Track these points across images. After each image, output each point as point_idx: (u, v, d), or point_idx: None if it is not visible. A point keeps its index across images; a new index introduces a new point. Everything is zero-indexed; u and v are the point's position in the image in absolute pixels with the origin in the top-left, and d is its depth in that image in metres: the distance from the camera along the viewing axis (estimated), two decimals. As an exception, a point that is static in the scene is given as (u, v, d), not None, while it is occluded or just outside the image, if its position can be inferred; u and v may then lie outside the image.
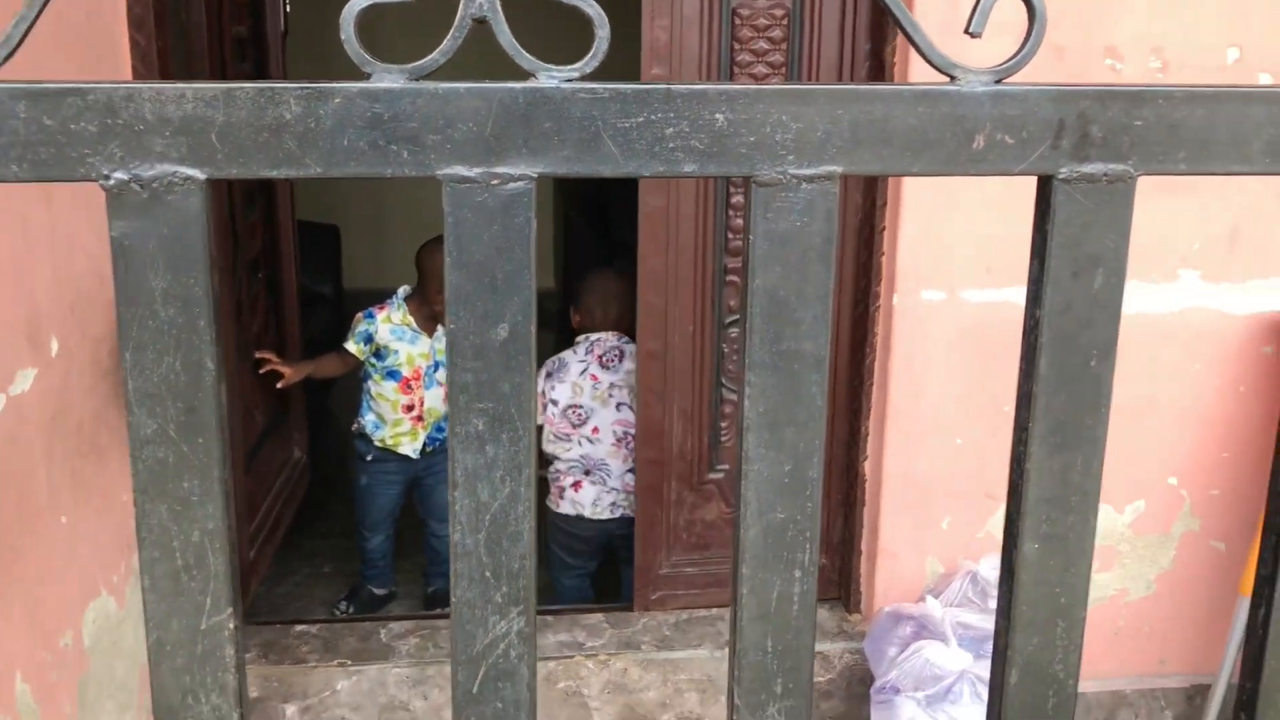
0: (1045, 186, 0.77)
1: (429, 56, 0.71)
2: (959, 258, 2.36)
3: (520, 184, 0.72)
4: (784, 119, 0.73)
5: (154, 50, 2.18)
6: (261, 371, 2.92)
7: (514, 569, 0.77)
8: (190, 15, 2.34)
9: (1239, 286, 2.43)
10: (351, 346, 2.96)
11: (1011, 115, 0.75)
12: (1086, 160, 0.75)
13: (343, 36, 0.70)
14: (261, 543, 3.06)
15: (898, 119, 0.74)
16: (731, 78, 2.42)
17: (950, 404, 2.45)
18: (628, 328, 2.86)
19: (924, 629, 2.31)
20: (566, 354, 2.94)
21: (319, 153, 0.71)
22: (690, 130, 0.72)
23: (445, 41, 0.71)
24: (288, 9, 3.50)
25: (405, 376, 2.96)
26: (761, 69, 2.42)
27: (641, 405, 2.62)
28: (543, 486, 3.09)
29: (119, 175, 0.69)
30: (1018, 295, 2.39)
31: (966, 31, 0.75)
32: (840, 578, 2.72)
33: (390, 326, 2.94)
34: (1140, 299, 2.42)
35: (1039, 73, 0.75)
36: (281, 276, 3.42)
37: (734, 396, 2.66)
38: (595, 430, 2.87)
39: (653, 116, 0.72)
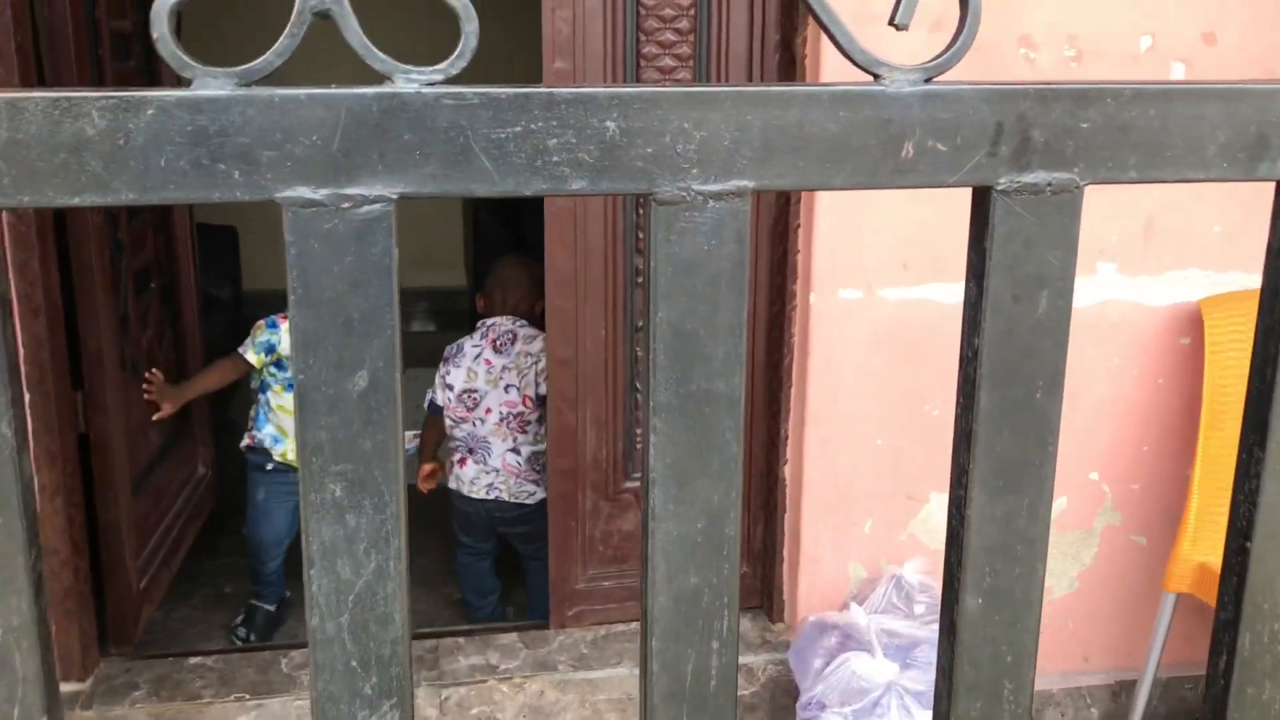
0: (983, 199, 0.68)
1: (261, 58, 0.59)
2: (876, 255, 2.28)
3: (377, 207, 0.61)
4: (685, 126, 0.63)
5: (11, 47, 2.01)
6: (146, 397, 2.73)
7: (384, 656, 0.66)
8: (54, 8, 2.17)
9: (1156, 279, 2.40)
10: (251, 356, 2.79)
11: (943, 119, 0.66)
12: (1028, 169, 0.66)
13: (154, 35, 0.58)
14: (157, 568, 2.89)
15: (815, 125, 0.64)
16: (638, 71, 2.32)
17: (869, 404, 2.38)
18: (525, 312, 2.91)
19: (849, 639, 2.24)
20: (464, 339, 2.94)
21: (130, 175, 0.59)
22: (577, 141, 0.62)
23: (281, 39, 0.59)
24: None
25: None
26: (669, 61, 2.32)
27: (553, 413, 2.51)
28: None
29: (-122, 206, 0.57)
30: (936, 292, 2.33)
31: (891, 23, 0.66)
32: (762, 585, 2.64)
33: None
34: (1058, 293, 2.37)
35: (956, 68, 0.66)
36: (179, 285, 3.23)
37: (648, 402, 2.57)
38: (488, 411, 2.85)
39: (532, 126, 0.61)
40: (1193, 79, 2.24)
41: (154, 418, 2.73)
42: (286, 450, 2.83)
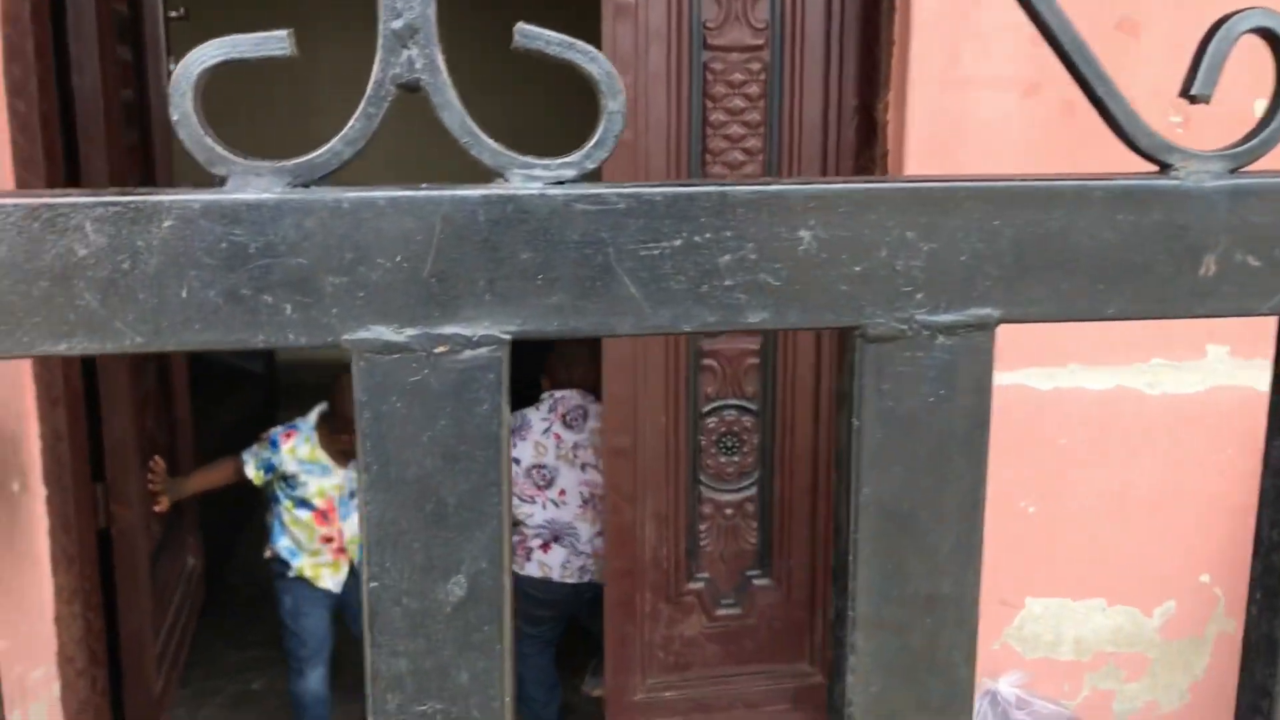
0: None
1: (325, 147, 0.42)
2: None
3: (483, 352, 0.44)
4: (909, 236, 0.45)
5: (36, 119, 1.87)
6: (150, 488, 2.51)
7: None
8: (84, 79, 2.03)
9: (1271, 362, 2.19)
10: (251, 471, 2.57)
11: (1256, 224, 0.47)
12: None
13: (174, 118, 0.41)
14: (167, 669, 2.69)
15: (1084, 232, 0.47)
16: (704, 139, 2.16)
17: (958, 500, 2.17)
18: (592, 385, 2.72)
19: (941, 762, 2.01)
20: (529, 410, 2.72)
21: (139, 312, 0.42)
22: (758, 258, 0.45)
23: (352, 122, 0.42)
24: (173, 68, 3.12)
25: (319, 508, 2.59)
26: (737, 129, 2.16)
27: (610, 509, 2.32)
28: None
29: None
30: (1033, 378, 2.14)
31: (1185, 94, 0.48)
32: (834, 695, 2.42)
33: (296, 460, 2.55)
34: (1164, 379, 2.18)
35: (1046, 133, 0.49)
36: (171, 360, 2.99)
37: (713, 495, 2.37)
38: (562, 493, 2.68)
39: (696, 238, 0.44)
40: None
41: (155, 509, 2.53)
42: (303, 565, 2.60)
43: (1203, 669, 2.32)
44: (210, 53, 0.41)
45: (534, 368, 2.86)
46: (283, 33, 0.42)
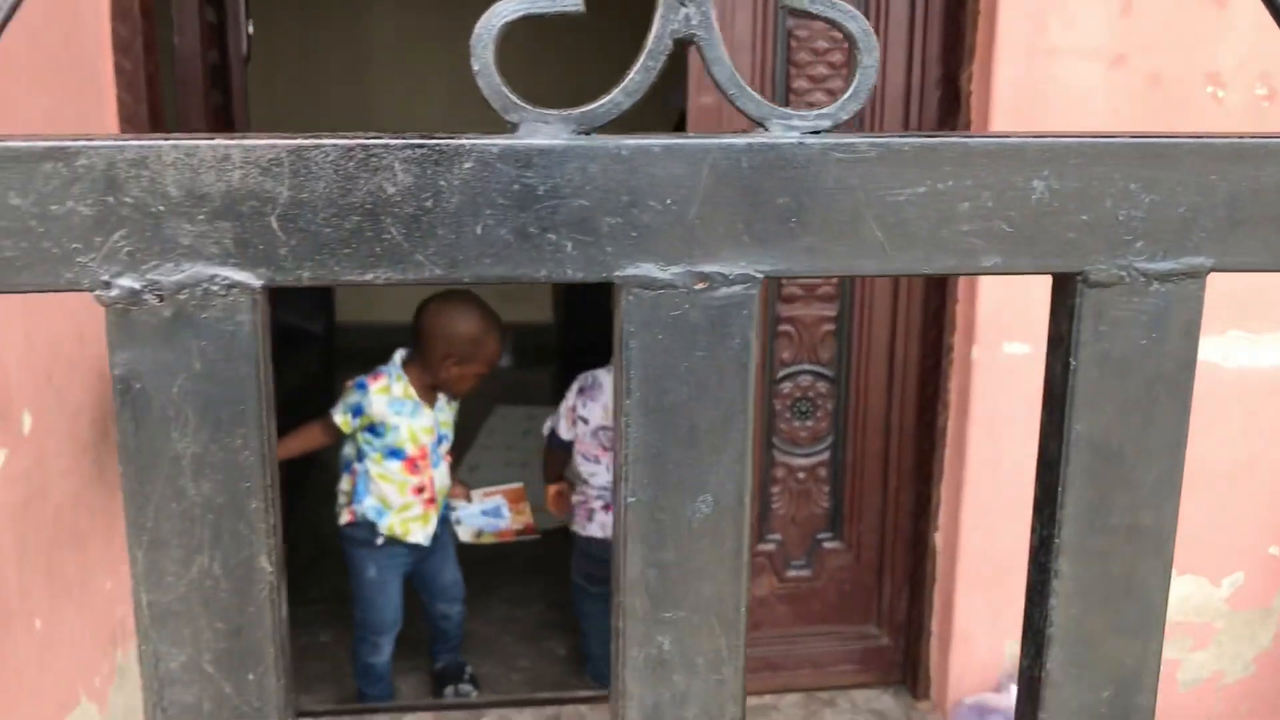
0: None
1: (606, 98, 0.46)
2: (1045, 306, 2.11)
3: (738, 289, 0.48)
4: (1132, 189, 0.49)
5: (141, 78, 1.92)
6: None
7: None
8: (183, 40, 2.08)
9: (1347, 337, 2.20)
10: (338, 418, 2.53)
11: None
12: None
13: (475, 68, 0.45)
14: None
15: (1297, 186, 0.49)
16: (787, 105, 2.18)
17: (1026, 470, 2.20)
18: None
19: (1011, 723, 2.05)
20: (600, 371, 2.72)
21: (438, 246, 0.46)
22: (995, 206, 0.48)
23: (632, 73, 0.46)
24: (250, 32, 3.11)
25: (410, 455, 2.55)
26: (820, 96, 2.18)
27: (686, 470, 2.36)
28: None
29: (125, 282, 0.45)
30: (1108, 348, 2.15)
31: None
32: (906, 660, 2.46)
33: (388, 399, 2.50)
34: (1240, 352, 2.19)
35: (1131, 104, 0.50)
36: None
37: (786, 459, 2.41)
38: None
39: (939, 185, 0.48)
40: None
41: None
42: (392, 524, 2.58)
43: (1269, 640, 2.34)
44: (511, 8, 0.45)
45: (606, 329, 2.89)
46: (576, -10, 0.46)
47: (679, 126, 3.40)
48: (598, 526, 2.73)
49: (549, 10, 0.45)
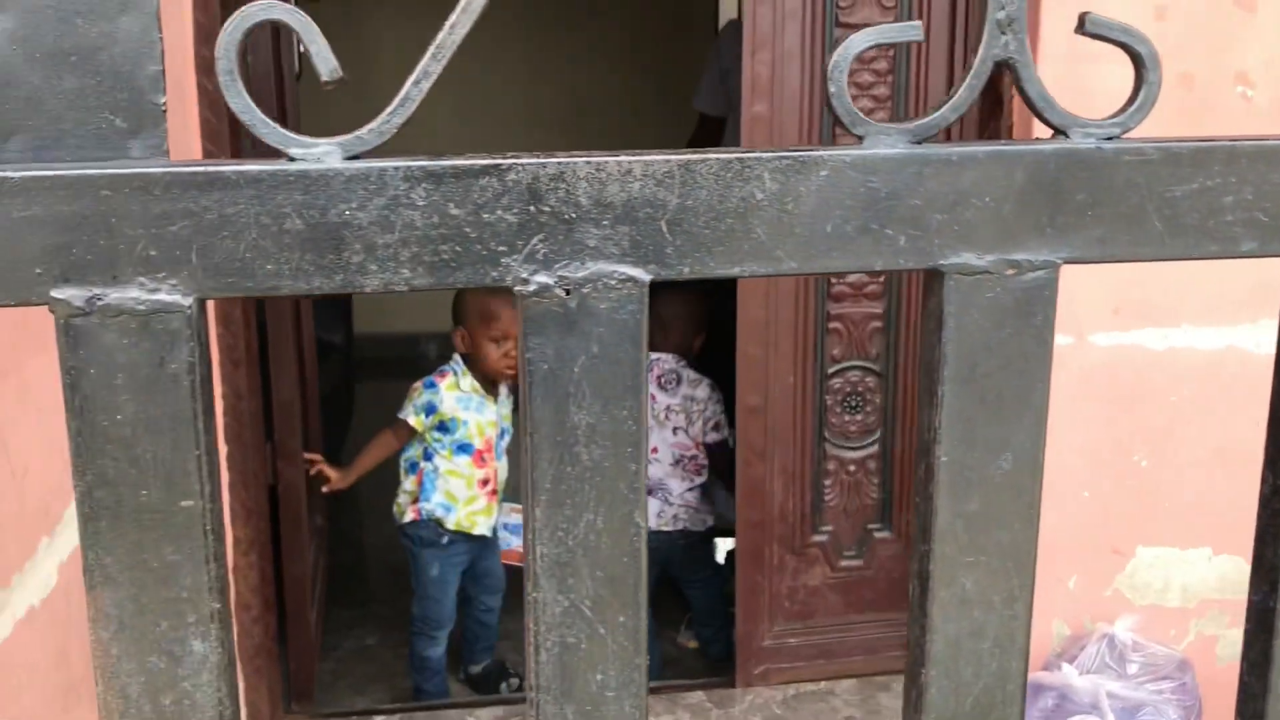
0: None
1: (937, 112, 0.54)
2: (1086, 298, 2.21)
3: (1041, 274, 0.56)
4: (1367, 182, 0.57)
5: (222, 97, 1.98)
6: (311, 474, 2.60)
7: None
8: (258, 56, 2.15)
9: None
10: (412, 419, 2.60)
11: None
12: None
13: (831, 90, 0.53)
14: (316, 621, 2.84)
15: None
16: (835, 113, 2.26)
17: (1075, 454, 2.30)
18: (686, 350, 2.85)
19: (1066, 700, 2.14)
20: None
21: (795, 243, 0.53)
22: (1255, 198, 0.56)
23: (959, 90, 0.54)
24: (302, 50, 3.22)
25: (478, 449, 2.64)
26: (866, 102, 2.27)
27: (742, 464, 2.44)
28: None
29: (541, 278, 0.52)
30: (1148, 338, 2.25)
31: None
32: (955, 642, 2.54)
33: (457, 395, 2.59)
34: (1271, 339, 2.29)
35: (1164, 104, 0.58)
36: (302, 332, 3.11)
37: (837, 452, 2.50)
38: (654, 450, 2.80)
39: (1209, 182, 0.56)
40: None
41: (325, 489, 2.64)
42: (459, 517, 2.65)
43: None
44: (864, 39, 0.53)
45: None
46: (916, 23, 0.53)
47: (700, 128, 3.49)
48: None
49: (896, 40, 0.53)
